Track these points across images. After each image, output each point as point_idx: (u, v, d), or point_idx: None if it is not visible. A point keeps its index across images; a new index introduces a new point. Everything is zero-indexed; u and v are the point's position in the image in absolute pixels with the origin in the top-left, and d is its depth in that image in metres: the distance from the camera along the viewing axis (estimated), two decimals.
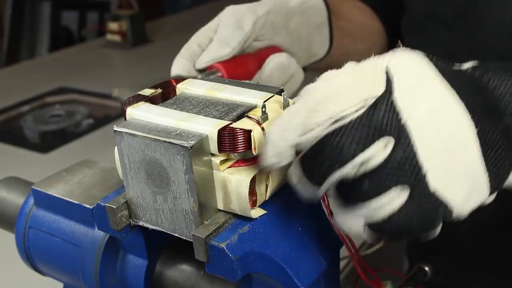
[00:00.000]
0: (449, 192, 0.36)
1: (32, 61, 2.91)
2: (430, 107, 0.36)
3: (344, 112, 0.36)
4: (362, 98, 0.36)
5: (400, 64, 0.38)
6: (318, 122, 0.36)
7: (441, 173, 0.35)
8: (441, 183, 0.36)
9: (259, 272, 0.44)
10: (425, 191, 0.36)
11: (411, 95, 0.36)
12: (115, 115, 1.74)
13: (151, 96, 0.47)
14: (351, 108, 0.36)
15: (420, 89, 0.37)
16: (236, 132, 0.41)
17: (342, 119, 0.36)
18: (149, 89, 0.49)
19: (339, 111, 0.36)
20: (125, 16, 2.34)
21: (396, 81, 0.37)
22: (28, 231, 0.58)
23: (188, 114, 0.45)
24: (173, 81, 0.50)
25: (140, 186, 0.45)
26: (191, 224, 0.43)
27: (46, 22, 3.80)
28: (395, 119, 0.36)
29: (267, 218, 0.44)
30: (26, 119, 1.77)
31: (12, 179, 0.64)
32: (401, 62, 0.38)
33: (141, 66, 2.23)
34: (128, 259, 0.53)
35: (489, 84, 0.39)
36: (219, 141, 0.42)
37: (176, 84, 0.50)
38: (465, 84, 0.38)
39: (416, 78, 0.37)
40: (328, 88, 0.38)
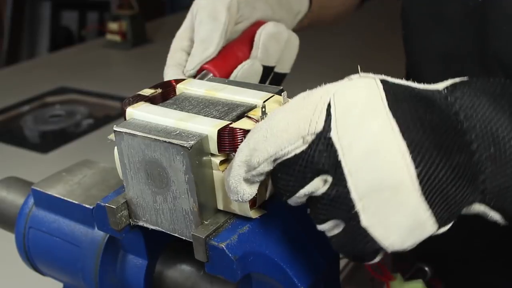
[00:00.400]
0: (380, 231, 0.36)
1: (32, 61, 2.92)
2: (366, 148, 0.36)
3: (282, 151, 0.37)
4: (300, 135, 0.37)
5: (344, 99, 0.37)
6: (258, 161, 0.38)
7: (373, 213, 0.36)
8: (373, 223, 0.36)
9: (259, 272, 0.44)
10: (357, 229, 0.37)
11: (348, 135, 0.36)
12: (115, 115, 1.74)
13: (150, 96, 0.48)
14: (288, 147, 0.37)
15: (358, 128, 0.36)
16: (236, 132, 0.41)
17: (282, 156, 0.38)
18: (149, 89, 0.49)
19: (276, 150, 0.37)
20: (125, 16, 2.34)
21: (334, 119, 0.37)
22: (28, 231, 0.58)
23: (188, 114, 0.45)
24: (172, 81, 0.50)
25: (140, 186, 0.45)
26: (191, 224, 0.43)
27: (46, 22, 3.80)
28: (332, 158, 0.36)
29: (267, 218, 0.44)
30: (26, 119, 1.77)
31: (12, 179, 0.64)
32: (346, 96, 0.37)
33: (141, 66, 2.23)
34: (128, 259, 0.53)
35: (459, 113, 0.38)
36: (219, 141, 0.42)
37: (176, 84, 0.50)
38: (419, 117, 0.37)
39: (357, 116, 0.36)
40: (267, 127, 0.38)
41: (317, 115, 0.37)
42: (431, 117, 0.37)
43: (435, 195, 0.36)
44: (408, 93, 0.38)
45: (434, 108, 0.37)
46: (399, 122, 0.36)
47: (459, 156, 0.36)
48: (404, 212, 0.36)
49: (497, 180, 0.37)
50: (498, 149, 0.37)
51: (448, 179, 0.36)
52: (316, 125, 0.37)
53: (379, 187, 0.36)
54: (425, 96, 0.38)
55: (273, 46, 0.61)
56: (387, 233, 0.36)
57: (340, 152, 0.36)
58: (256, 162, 0.38)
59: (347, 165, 0.36)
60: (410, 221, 0.36)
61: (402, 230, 0.36)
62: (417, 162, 0.35)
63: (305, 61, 0.86)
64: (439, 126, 0.37)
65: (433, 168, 0.36)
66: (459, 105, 0.38)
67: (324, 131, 0.37)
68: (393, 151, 0.35)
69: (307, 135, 0.37)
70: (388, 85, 0.38)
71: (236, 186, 0.40)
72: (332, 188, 0.37)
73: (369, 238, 0.37)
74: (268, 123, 0.38)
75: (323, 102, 0.37)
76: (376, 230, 0.36)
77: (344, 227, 0.37)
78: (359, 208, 0.36)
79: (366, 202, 0.36)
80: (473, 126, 0.37)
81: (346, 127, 0.36)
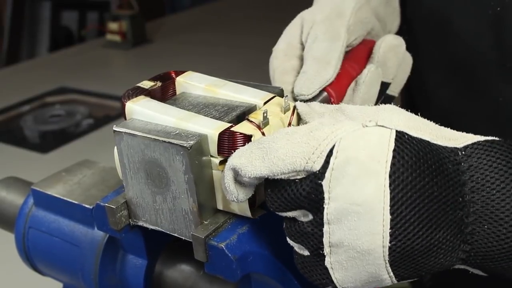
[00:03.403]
0: (339, 276, 0.38)
1: (32, 61, 2.92)
2: (350, 207, 0.36)
3: (274, 176, 0.38)
4: (294, 169, 0.37)
5: (347, 151, 0.36)
6: (249, 176, 0.38)
7: (338, 261, 0.37)
8: (335, 267, 0.38)
9: (258, 272, 0.44)
10: (319, 265, 0.38)
11: (339, 189, 0.36)
12: (115, 115, 1.75)
13: (150, 90, 0.47)
14: (280, 175, 0.38)
15: (350, 186, 0.36)
16: (236, 136, 0.41)
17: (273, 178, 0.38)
18: (148, 81, 0.48)
19: (268, 174, 0.38)
20: (125, 16, 2.35)
21: (331, 168, 0.36)
22: (27, 231, 0.58)
23: (188, 112, 0.44)
24: (172, 72, 0.50)
25: (139, 186, 0.45)
26: (191, 224, 0.43)
27: (46, 22, 3.80)
28: (316, 202, 0.37)
29: (266, 218, 0.44)
30: (26, 119, 1.77)
31: (12, 179, 0.64)
32: (350, 147, 0.36)
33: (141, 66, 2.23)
34: (127, 259, 0.53)
35: (467, 184, 0.37)
36: (219, 144, 0.42)
37: (175, 76, 0.50)
38: (418, 189, 0.35)
39: (353, 173, 0.36)
40: (267, 148, 0.38)
41: (316, 156, 0.37)
42: (433, 189, 0.36)
43: (403, 264, 0.36)
44: (421, 155, 0.36)
45: (440, 178, 0.36)
46: (393, 193, 0.35)
47: (444, 231, 0.36)
48: (366, 270, 0.37)
49: (483, 253, 0.37)
50: (493, 227, 0.36)
51: (421, 253, 0.36)
52: (313, 166, 0.37)
53: (350, 246, 0.36)
54: (438, 159, 0.37)
55: (391, 59, 0.56)
56: (345, 279, 0.38)
57: (326, 200, 0.36)
58: (247, 175, 0.38)
59: (327, 214, 0.36)
60: (370, 277, 0.37)
61: (360, 281, 0.38)
62: (394, 236, 0.35)
63: None
64: (438, 200, 0.36)
65: (408, 243, 0.36)
66: (470, 175, 0.37)
67: (317, 175, 0.37)
68: (375, 221, 0.35)
69: (301, 171, 0.37)
70: (402, 142, 0.36)
71: (230, 187, 0.40)
72: (309, 224, 0.38)
73: (327, 276, 0.38)
74: (270, 144, 0.38)
75: (326, 144, 0.37)
76: (335, 273, 0.38)
77: (309, 255, 0.39)
78: (327, 252, 0.37)
79: (334, 250, 0.37)
80: (476, 200, 0.37)
81: (339, 181, 0.36)
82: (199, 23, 2.70)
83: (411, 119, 0.39)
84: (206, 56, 2.18)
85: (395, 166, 0.35)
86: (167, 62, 2.18)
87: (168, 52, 2.31)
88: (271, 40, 0.62)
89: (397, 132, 0.37)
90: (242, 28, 2.57)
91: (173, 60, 2.20)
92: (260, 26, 2.52)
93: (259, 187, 0.43)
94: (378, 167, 0.35)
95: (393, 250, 0.36)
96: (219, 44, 2.38)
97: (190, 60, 2.17)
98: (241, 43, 2.32)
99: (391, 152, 0.36)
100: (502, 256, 0.37)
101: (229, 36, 2.48)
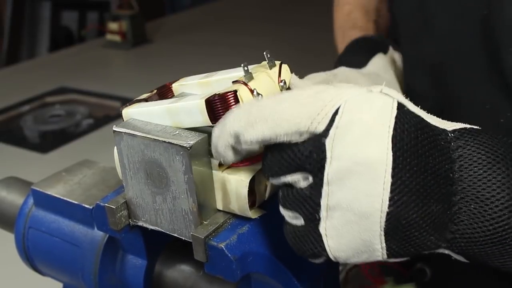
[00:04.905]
0: (332, 243, 0.37)
1: (32, 61, 2.92)
2: (352, 167, 0.36)
3: (276, 139, 0.38)
4: (299, 130, 0.37)
5: (353, 112, 0.37)
6: (251, 140, 0.38)
7: (333, 226, 0.37)
8: (329, 233, 0.37)
9: (258, 272, 0.44)
10: (313, 231, 0.38)
11: (341, 148, 0.36)
12: (115, 115, 1.75)
13: (147, 98, 0.48)
14: (284, 137, 0.37)
15: (354, 146, 0.36)
16: (222, 96, 0.41)
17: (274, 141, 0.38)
18: (146, 94, 0.49)
19: (271, 137, 0.38)
20: (125, 16, 2.35)
21: (335, 127, 0.36)
22: (27, 231, 0.58)
23: (179, 98, 0.45)
24: (167, 84, 0.50)
25: (139, 186, 0.45)
26: (190, 224, 0.43)
27: (46, 22, 3.81)
28: (318, 162, 0.37)
29: (266, 218, 0.44)
30: (26, 119, 1.77)
31: (12, 179, 0.64)
32: (355, 109, 0.37)
33: (141, 66, 2.24)
34: (127, 259, 0.53)
35: (455, 162, 0.37)
36: (208, 111, 0.41)
37: (170, 85, 0.50)
38: (417, 157, 0.36)
39: (358, 134, 0.36)
40: (271, 109, 0.38)
41: (321, 116, 0.37)
42: (428, 160, 0.37)
43: (397, 235, 0.36)
44: (419, 127, 0.37)
45: (435, 151, 0.37)
46: (394, 156, 0.36)
47: (436, 205, 0.37)
48: (361, 237, 0.37)
49: (468, 234, 0.37)
50: (479, 207, 0.37)
51: (416, 224, 0.36)
52: (317, 127, 0.37)
53: (348, 208, 0.36)
54: (433, 134, 0.38)
55: None
56: (338, 247, 0.38)
57: (328, 160, 0.36)
58: (249, 139, 0.38)
59: (328, 174, 0.36)
60: (363, 245, 0.37)
61: (352, 249, 0.37)
62: (393, 201, 0.35)
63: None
64: (432, 171, 0.37)
65: (405, 211, 0.36)
66: (459, 154, 0.38)
67: (321, 135, 0.37)
68: (376, 182, 0.35)
69: (305, 132, 0.37)
70: (403, 111, 0.37)
71: (222, 151, 0.39)
72: (308, 188, 0.37)
73: (320, 244, 0.38)
74: (274, 106, 0.38)
75: (332, 105, 0.37)
76: (329, 240, 0.37)
77: (302, 223, 0.38)
78: (323, 216, 0.37)
79: (331, 214, 0.37)
80: (464, 179, 0.37)
81: (343, 140, 0.36)
82: (199, 23, 2.70)
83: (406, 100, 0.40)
84: (206, 56, 2.18)
85: (397, 131, 0.36)
86: (167, 62, 2.18)
87: (168, 52, 2.31)
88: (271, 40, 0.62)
89: (398, 102, 0.38)
90: (242, 28, 2.57)
91: (173, 60, 2.20)
92: (260, 26, 2.52)
93: (258, 186, 0.43)
94: (381, 129, 0.36)
95: (390, 217, 0.36)
96: (219, 44, 2.38)
97: (190, 60, 2.18)
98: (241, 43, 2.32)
99: (393, 118, 0.36)
100: (487, 240, 0.37)
101: (229, 36, 2.48)
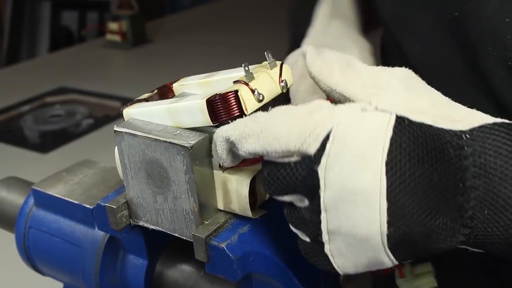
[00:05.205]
0: (339, 263, 0.38)
1: (32, 61, 2.92)
2: (347, 195, 0.35)
3: (268, 155, 0.38)
4: (288, 150, 0.37)
5: (345, 136, 0.36)
6: (244, 150, 0.38)
7: (337, 248, 0.37)
8: (334, 254, 0.37)
9: (259, 272, 0.44)
10: (319, 251, 0.38)
11: (334, 176, 0.35)
12: (115, 115, 1.75)
13: (148, 98, 0.47)
14: (274, 155, 0.37)
15: (346, 174, 0.35)
16: (222, 96, 0.41)
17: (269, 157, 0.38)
18: (146, 93, 0.49)
19: (262, 152, 0.38)
20: (125, 16, 2.34)
21: (327, 154, 0.36)
22: (28, 231, 0.58)
23: (180, 98, 0.45)
24: (168, 83, 0.50)
25: (140, 186, 0.45)
26: (191, 224, 0.43)
27: (46, 22, 3.80)
28: (312, 188, 0.36)
29: (267, 218, 0.44)
30: (26, 119, 1.77)
31: (12, 179, 0.64)
32: (348, 133, 0.36)
33: (141, 66, 2.23)
34: (128, 259, 0.53)
35: (469, 169, 0.36)
36: (209, 111, 0.41)
37: (171, 85, 0.50)
38: (417, 176, 0.35)
39: (349, 161, 0.35)
40: (263, 125, 0.38)
41: (312, 138, 0.36)
42: (433, 176, 0.35)
43: (404, 249, 0.36)
44: (421, 141, 0.36)
45: (441, 163, 0.36)
46: (390, 181, 0.35)
47: (444, 217, 0.36)
48: (366, 256, 0.37)
49: (482, 236, 0.37)
50: (494, 213, 0.36)
51: (422, 238, 0.36)
52: (307, 149, 0.36)
53: (347, 233, 0.36)
54: (440, 144, 0.36)
55: None
56: (345, 264, 0.38)
57: (322, 187, 0.36)
58: (242, 150, 0.38)
59: (324, 201, 0.36)
60: (370, 261, 0.37)
61: (361, 266, 0.37)
62: (392, 224, 0.35)
63: None
64: (438, 186, 0.35)
65: (408, 230, 0.35)
66: (473, 160, 0.36)
67: (313, 161, 0.36)
68: (371, 208, 0.35)
69: (296, 152, 0.37)
70: (401, 128, 0.36)
71: (221, 154, 0.40)
72: (307, 211, 0.37)
73: (328, 262, 0.38)
74: (266, 121, 0.38)
75: (323, 127, 0.36)
76: (335, 259, 0.38)
77: (310, 241, 0.39)
78: (325, 240, 0.37)
79: (333, 237, 0.37)
80: (478, 186, 0.36)
81: (335, 168, 0.35)
82: (199, 23, 2.70)
83: (418, 97, 0.38)
84: (206, 56, 2.18)
85: (392, 154, 0.35)
86: (167, 62, 2.18)
87: (168, 52, 2.31)
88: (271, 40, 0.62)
89: (397, 117, 0.36)
90: (242, 28, 2.57)
91: (173, 60, 2.20)
92: (259, 26, 2.52)
93: (259, 186, 0.43)
94: (375, 154, 0.35)
95: (391, 236, 0.35)
96: (219, 44, 2.38)
97: (190, 60, 2.17)
98: (241, 43, 2.32)
99: (388, 140, 0.35)
100: (502, 242, 0.36)
101: (229, 36, 2.48)
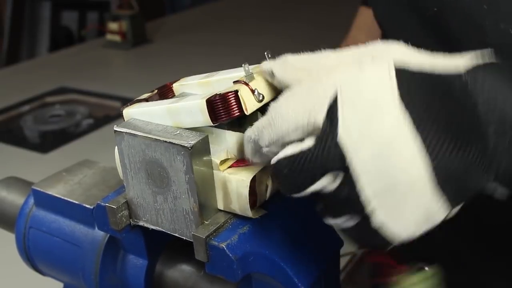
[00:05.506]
0: (394, 229, 0.36)
1: (32, 61, 2.91)
2: (377, 147, 0.34)
3: (285, 139, 0.38)
4: (297, 125, 0.37)
5: (351, 94, 0.36)
6: (265, 144, 0.39)
7: (387, 212, 0.36)
8: (386, 221, 0.36)
9: (259, 272, 0.44)
10: (370, 227, 0.36)
11: (357, 134, 0.35)
12: (115, 115, 1.74)
13: (148, 98, 0.48)
14: (291, 135, 0.37)
15: (367, 127, 0.35)
16: (222, 96, 0.41)
17: (289, 141, 0.38)
18: (146, 94, 0.49)
19: (278, 138, 0.38)
20: (125, 16, 2.34)
21: (342, 117, 0.35)
22: (28, 231, 0.58)
23: (180, 98, 0.45)
24: (168, 83, 0.50)
25: (140, 186, 0.45)
26: (191, 224, 0.43)
27: (46, 22, 3.80)
28: (341, 158, 0.35)
29: (267, 218, 0.44)
30: (26, 119, 1.77)
31: (12, 179, 0.64)
32: (353, 90, 0.36)
33: (141, 66, 2.23)
34: (128, 259, 0.53)
35: (478, 103, 0.36)
36: (209, 111, 0.41)
37: (171, 85, 0.50)
38: (433, 108, 0.35)
39: (365, 113, 0.35)
40: (271, 113, 0.38)
41: (318, 108, 0.36)
42: (447, 108, 0.35)
43: (450, 185, 0.35)
44: (424, 81, 0.36)
45: (451, 98, 0.36)
46: (412, 116, 0.35)
47: (474, 147, 0.35)
48: (419, 207, 0.35)
49: (509, 169, 0.36)
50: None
51: (464, 170, 0.35)
52: (316, 118, 0.36)
53: (394, 186, 0.35)
54: (443, 82, 0.36)
55: None
56: (401, 229, 0.36)
57: (350, 152, 0.35)
58: (264, 144, 0.39)
59: (357, 166, 0.35)
60: (424, 214, 0.36)
61: (416, 224, 0.36)
62: (434, 156, 0.34)
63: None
64: (456, 118, 0.35)
65: (449, 161, 0.35)
66: (479, 95, 0.36)
67: (331, 129, 0.35)
68: (408, 146, 0.34)
69: (306, 126, 0.37)
70: (403, 75, 0.36)
71: (249, 155, 0.41)
72: (342, 187, 0.36)
73: (382, 235, 0.36)
74: (274, 109, 0.39)
75: (326, 96, 0.36)
76: (389, 228, 0.36)
77: (357, 222, 0.37)
78: (372, 208, 0.35)
79: (379, 202, 0.35)
80: (492, 119, 0.36)
81: (354, 125, 0.35)
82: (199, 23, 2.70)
83: (410, 51, 0.38)
84: (206, 56, 2.18)
85: (403, 93, 0.35)
86: (167, 62, 2.17)
87: (168, 52, 2.31)
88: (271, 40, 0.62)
89: (396, 68, 0.36)
90: (242, 28, 2.57)
91: (173, 60, 2.19)
92: (260, 26, 2.52)
93: (259, 186, 0.43)
94: (386, 98, 0.35)
95: (437, 172, 0.34)
96: (219, 44, 2.38)
97: (190, 60, 2.17)
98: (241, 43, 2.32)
99: (395, 81, 0.35)
100: None
101: (229, 36, 2.48)
